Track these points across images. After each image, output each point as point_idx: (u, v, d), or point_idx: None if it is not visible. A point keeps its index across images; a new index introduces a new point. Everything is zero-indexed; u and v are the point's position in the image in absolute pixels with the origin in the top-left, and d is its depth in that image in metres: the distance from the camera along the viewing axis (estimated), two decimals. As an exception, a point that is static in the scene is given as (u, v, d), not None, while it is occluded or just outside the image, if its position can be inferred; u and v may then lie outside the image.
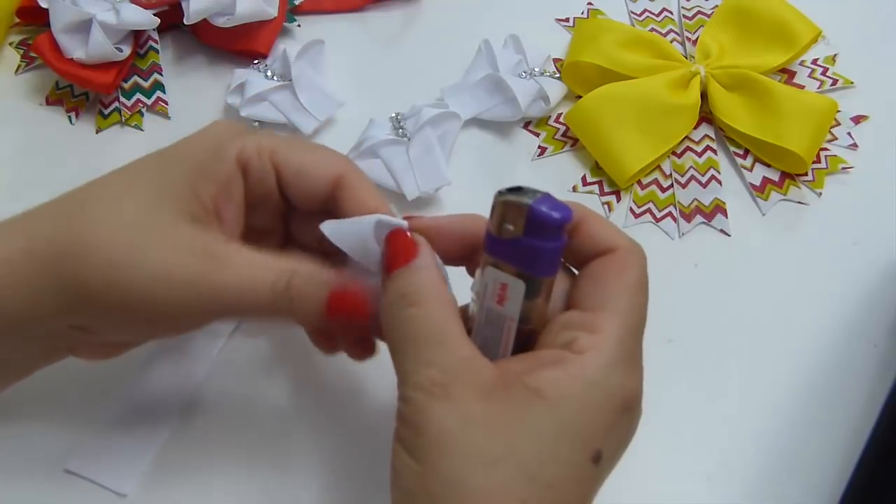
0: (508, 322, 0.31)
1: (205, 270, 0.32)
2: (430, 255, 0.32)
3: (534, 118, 0.51)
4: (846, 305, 0.46)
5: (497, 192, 0.30)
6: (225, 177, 0.34)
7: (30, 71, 0.53)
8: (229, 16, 0.50)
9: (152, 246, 0.32)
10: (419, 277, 0.31)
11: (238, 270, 0.32)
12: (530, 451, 0.28)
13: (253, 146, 0.34)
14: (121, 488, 0.39)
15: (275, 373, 0.42)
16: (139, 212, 0.32)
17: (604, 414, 0.29)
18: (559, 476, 0.29)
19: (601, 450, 0.29)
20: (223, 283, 0.32)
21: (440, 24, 0.56)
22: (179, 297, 0.32)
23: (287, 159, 0.34)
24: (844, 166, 0.50)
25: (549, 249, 0.30)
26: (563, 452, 0.29)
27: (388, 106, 0.49)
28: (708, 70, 0.50)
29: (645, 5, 0.56)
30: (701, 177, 0.49)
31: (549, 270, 0.30)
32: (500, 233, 0.30)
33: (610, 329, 0.30)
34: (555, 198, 0.30)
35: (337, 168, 0.35)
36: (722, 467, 0.41)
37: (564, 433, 0.29)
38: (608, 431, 0.30)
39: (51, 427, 0.40)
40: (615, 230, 0.32)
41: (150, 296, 0.31)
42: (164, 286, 0.31)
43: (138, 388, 0.41)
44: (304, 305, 0.33)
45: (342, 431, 0.41)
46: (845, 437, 0.42)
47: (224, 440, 0.40)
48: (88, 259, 0.32)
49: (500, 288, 0.30)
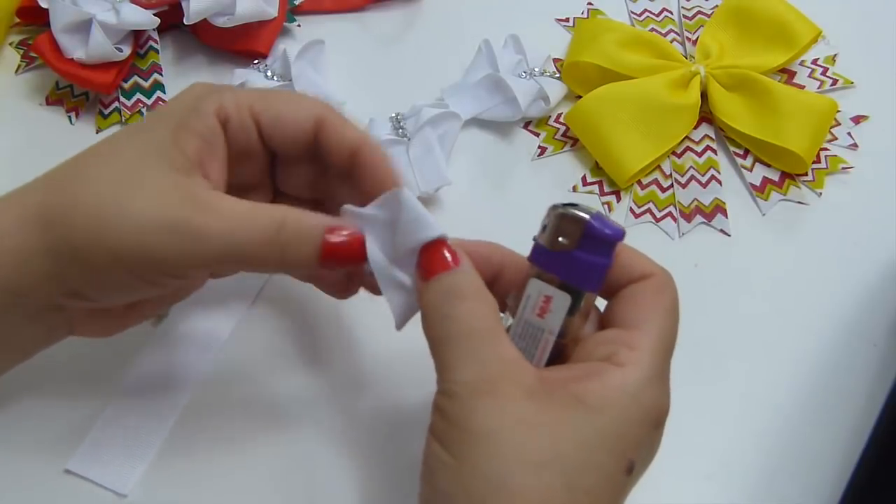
0: (547, 335, 0.32)
1: (190, 214, 0.32)
2: (471, 263, 0.32)
3: (534, 118, 0.51)
4: (846, 305, 0.46)
5: (552, 205, 0.31)
6: (206, 131, 0.34)
7: (30, 71, 0.53)
8: (229, 16, 0.50)
9: (138, 195, 0.32)
10: (466, 278, 0.31)
11: (225, 214, 0.32)
12: (574, 458, 0.29)
13: (231, 100, 0.34)
14: (121, 488, 0.39)
15: (275, 372, 0.42)
16: (125, 167, 0.33)
17: (639, 427, 0.30)
18: (596, 484, 0.29)
19: (634, 461, 0.30)
20: (209, 226, 0.31)
21: (440, 24, 0.56)
22: (165, 243, 0.31)
23: (265, 109, 0.35)
24: (844, 166, 0.50)
25: (601, 264, 0.31)
26: (602, 461, 0.29)
27: (388, 106, 0.49)
28: (708, 70, 0.50)
29: (645, 5, 0.56)
30: (701, 177, 0.49)
31: (596, 285, 0.31)
32: (552, 245, 0.31)
33: (647, 346, 0.31)
34: (605, 216, 0.31)
35: (315, 110, 0.35)
36: (722, 467, 0.41)
37: (604, 442, 0.29)
38: (641, 444, 0.30)
39: (51, 427, 0.40)
40: (649, 259, 0.33)
41: (137, 244, 0.31)
42: (150, 232, 0.31)
43: (137, 388, 0.41)
44: (297, 250, 0.32)
45: (345, 430, 0.41)
46: (845, 437, 0.42)
47: (224, 440, 0.40)
48: (76, 215, 0.32)
49: (544, 300, 0.31)
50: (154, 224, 0.31)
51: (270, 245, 0.32)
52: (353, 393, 0.42)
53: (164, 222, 0.31)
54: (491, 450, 0.28)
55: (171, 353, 0.42)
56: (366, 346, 0.43)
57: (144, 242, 0.31)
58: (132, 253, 0.31)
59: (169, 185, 0.32)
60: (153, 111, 0.35)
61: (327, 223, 0.33)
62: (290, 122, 0.35)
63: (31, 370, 0.37)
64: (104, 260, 0.32)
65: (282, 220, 0.32)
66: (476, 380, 0.29)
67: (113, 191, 0.32)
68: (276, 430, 0.41)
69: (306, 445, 0.40)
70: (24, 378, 0.37)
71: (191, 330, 0.43)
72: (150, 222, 0.31)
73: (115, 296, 0.34)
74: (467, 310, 0.30)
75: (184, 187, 0.32)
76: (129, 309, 0.37)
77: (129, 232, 0.31)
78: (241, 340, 0.43)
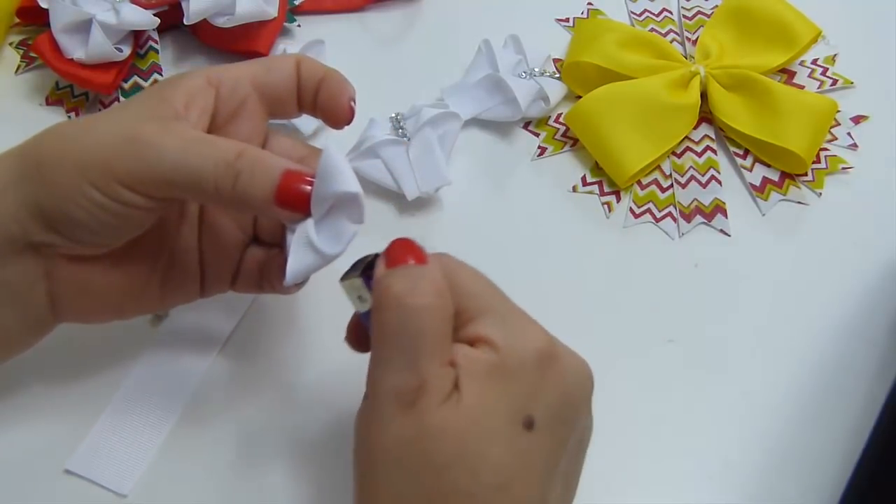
0: None
1: (149, 130, 0.32)
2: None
3: (534, 118, 0.51)
4: (846, 305, 0.46)
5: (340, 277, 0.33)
6: (192, 87, 0.34)
7: (30, 71, 0.53)
8: (229, 16, 0.49)
9: (108, 116, 0.33)
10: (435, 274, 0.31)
11: (184, 135, 0.32)
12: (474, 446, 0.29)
13: (220, 70, 0.36)
14: (121, 488, 0.39)
15: (275, 373, 0.42)
16: (110, 113, 0.34)
17: (521, 375, 0.29)
18: (497, 458, 0.29)
19: (532, 416, 0.29)
20: (163, 141, 0.32)
21: (440, 24, 0.56)
22: (121, 151, 0.32)
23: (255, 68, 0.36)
24: (844, 166, 0.50)
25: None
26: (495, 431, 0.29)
27: (388, 106, 0.49)
28: (708, 70, 0.50)
29: (645, 5, 0.56)
30: (701, 177, 0.49)
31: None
32: (360, 308, 0.33)
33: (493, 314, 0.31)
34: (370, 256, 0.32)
35: (293, 56, 0.37)
36: (722, 467, 0.41)
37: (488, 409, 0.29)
38: (532, 393, 0.29)
39: (51, 427, 0.40)
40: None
41: (97, 154, 0.32)
42: (109, 143, 0.32)
43: (138, 388, 0.41)
44: (252, 183, 0.32)
45: (346, 430, 0.41)
46: (845, 437, 0.42)
47: (224, 440, 0.40)
48: (46, 138, 0.34)
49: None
50: (113, 135, 0.32)
51: (226, 170, 0.32)
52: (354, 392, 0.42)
53: (123, 133, 0.32)
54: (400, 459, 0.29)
55: (171, 353, 0.42)
56: (366, 346, 0.43)
57: (105, 152, 0.32)
58: (93, 163, 0.32)
59: (142, 108, 0.33)
60: None
61: (291, 166, 0.32)
62: (277, 66, 0.36)
63: (31, 370, 0.37)
64: (69, 174, 0.32)
65: (241, 150, 0.32)
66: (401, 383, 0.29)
67: (90, 122, 0.33)
68: (276, 431, 0.41)
69: (306, 445, 0.40)
70: (24, 378, 0.38)
71: (191, 330, 0.43)
72: (111, 135, 0.32)
73: (84, 224, 0.33)
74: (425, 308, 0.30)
75: (155, 109, 0.33)
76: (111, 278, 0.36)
77: (93, 144, 0.32)
78: (241, 340, 0.43)
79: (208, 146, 0.32)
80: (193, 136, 0.32)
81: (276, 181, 0.32)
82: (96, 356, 0.41)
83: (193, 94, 0.34)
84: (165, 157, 0.32)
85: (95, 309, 0.36)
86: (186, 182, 0.32)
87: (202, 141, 0.32)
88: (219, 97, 0.35)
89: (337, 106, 0.37)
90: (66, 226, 0.33)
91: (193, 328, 0.43)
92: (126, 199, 0.32)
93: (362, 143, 0.47)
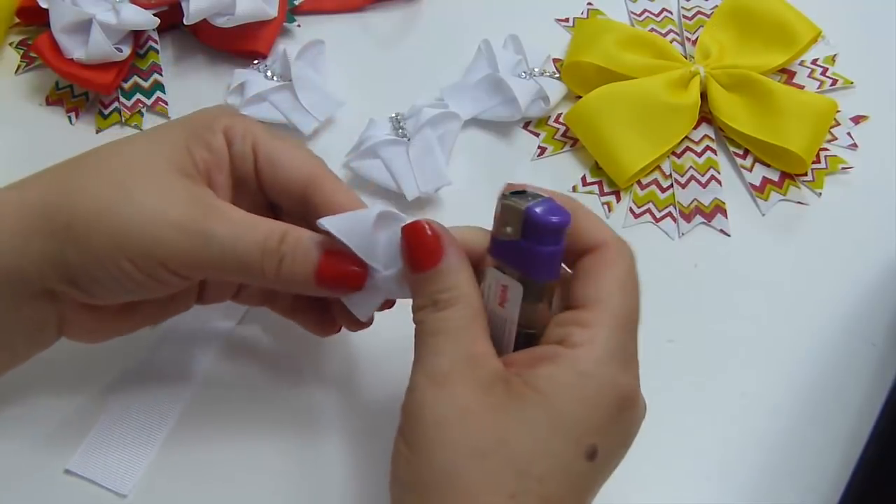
0: (509, 325, 0.31)
1: (197, 215, 0.32)
2: (458, 253, 0.32)
3: (534, 118, 0.51)
4: (846, 305, 0.46)
5: (501, 193, 0.30)
6: (216, 145, 0.34)
7: (30, 71, 0.53)
8: (229, 16, 0.50)
9: (144, 187, 0.32)
10: (450, 282, 0.31)
11: (231, 220, 0.32)
12: (522, 445, 0.29)
13: (239, 126, 0.35)
14: (121, 488, 0.39)
15: (275, 373, 0.42)
16: (134, 162, 0.33)
17: (598, 409, 0.29)
18: (550, 470, 0.29)
19: (596, 446, 0.29)
20: (214, 230, 0.32)
21: (440, 24, 0.56)
22: (172, 238, 0.32)
23: (264, 146, 0.35)
24: (844, 166, 0.50)
25: (546, 253, 0.30)
26: (555, 447, 0.29)
27: (388, 106, 0.49)
28: (708, 70, 0.50)
29: (645, 5, 0.56)
30: (701, 177, 0.49)
31: (548, 274, 0.30)
32: (501, 235, 0.30)
33: (601, 323, 0.30)
34: (555, 202, 0.30)
35: (310, 167, 0.36)
36: (722, 468, 0.41)
37: (557, 427, 0.29)
38: (604, 427, 0.30)
39: (51, 427, 0.40)
40: (603, 226, 0.33)
41: (141, 233, 0.31)
42: (157, 228, 0.31)
43: (137, 388, 0.41)
44: (294, 265, 0.32)
45: (346, 429, 0.41)
46: (845, 437, 0.42)
47: (224, 440, 0.40)
48: (79, 202, 0.32)
49: (501, 290, 0.31)
50: (162, 218, 0.31)
51: (271, 256, 0.32)
52: (355, 392, 0.42)
53: (173, 218, 0.31)
54: (439, 440, 0.29)
55: (171, 353, 0.42)
56: (367, 345, 0.43)
57: (149, 233, 0.31)
58: (135, 242, 0.31)
59: (177, 185, 0.32)
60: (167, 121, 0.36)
61: (328, 244, 0.33)
62: (283, 169, 0.35)
63: (31, 370, 0.37)
64: (105, 245, 0.32)
65: (284, 232, 0.33)
66: (434, 375, 0.30)
67: (120, 179, 0.32)
68: (276, 431, 0.41)
69: (306, 445, 0.40)
70: (24, 378, 0.37)
71: (191, 330, 0.43)
72: (158, 215, 0.31)
73: (109, 287, 0.33)
74: (447, 315, 0.30)
75: (192, 190, 0.33)
76: (120, 313, 0.36)
77: (134, 220, 0.31)
78: (241, 341, 0.43)
79: (254, 229, 0.32)
80: (238, 219, 0.32)
81: (316, 264, 0.33)
82: (96, 356, 0.41)
83: (217, 155, 0.34)
84: (213, 246, 0.32)
85: (101, 337, 0.37)
86: (232, 268, 0.33)
87: (247, 225, 0.32)
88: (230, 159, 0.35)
89: None
90: (89, 285, 0.33)
91: (193, 328, 0.43)
92: (164, 279, 0.33)
93: (362, 143, 0.47)
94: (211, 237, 0.32)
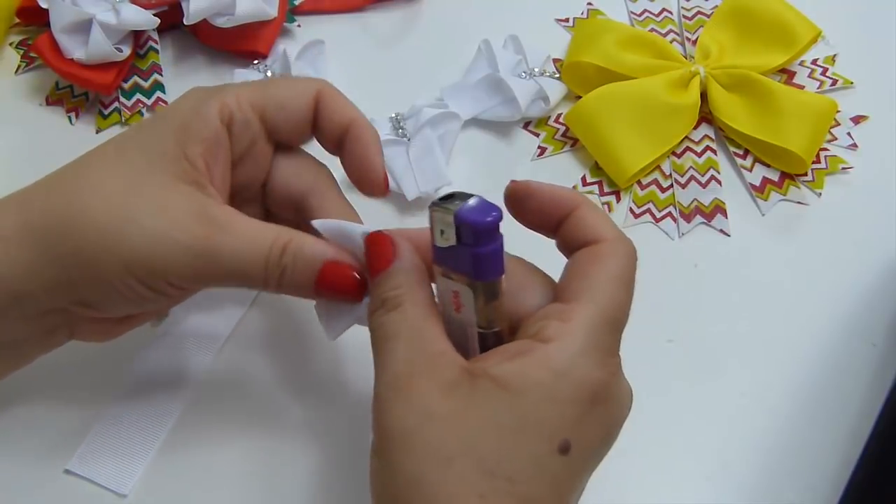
0: (469, 329, 0.31)
1: (205, 233, 0.32)
2: (409, 255, 0.32)
3: (534, 118, 0.51)
4: (845, 305, 0.46)
5: (431, 202, 0.30)
6: (210, 134, 0.34)
7: (30, 71, 0.53)
8: (229, 16, 0.50)
9: (149, 210, 0.32)
10: (398, 281, 0.31)
11: (237, 234, 0.32)
12: (489, 445, 0.28)
13: (232, 99, 0.35)
14: (121, 488, 0.39)
15: (275, 373, 0.42)
16: (132, 176, 0.33)
17: (569, 405, 0.28)
18: (521, 469, 0.28)
19: (569, 441, 0.28)
20: (222, 246, 0.32)
21: (440, 24, 0.56)
22: (179, 261, 0.32)
23: (267, 99, 0.35)
24: (844, 166, 0.50)
25: (486, 253, 0.29)
26: (524, 444, 0.28)
27: (388, 106, 0.49)
28: (708, 70, 0.50)
29: (645, 5, 0.56)
30: (701, 177, 0.49)
31: (493, 273, 0.30)
32: (439, 243, 0.30)
33: (582, 318, 0.29)
34: (486, 200, 0.29)
35: (313, 87, 0.36)
36: (721, 468, 0.41)
37: (526, 424, 0.28)
38: (577, 422, 0.29)
39: (51, 427, 0.40)
40: (605, 222, 0.32)
41: (151, 257, 0.32)
42: (164, 250, 0.32)
43: (137, 388, 0.41)
44: (295, 276, 0.33)
45: (346, 431, 0.41)
46: (845, 437, 0.42)
47: (224, 440, 0.40)
48: (85, 227, 0.32)
49: (454, 296, 0.30)
50: (169, 240, 0.32)
51: (274, 267, 0.33)
52: (354, 393, 0.42)
53: (180, 240, 0.32)
54: (405, 448, 0.28)
55: (171, 353, 0.42)
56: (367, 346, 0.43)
57: (157, 255, 0.32)
58: (143, 264, 0.32)
59: (180, 201, 0.33)
60: (154, 114, 0.35)
61: (329, 255, 0.33)
62: (293, 104, 0.35)
63: (31, 370, 0.37)
64: (116, 270, 0.32)
65: (286, 242, 0.33)
66: (393, 380, 0.29)
67: (121, 203, 0.32)
68: (276, 431, 0.41)
69: (306, 445, 0.40)
70: (24, 378, 0.37)
71: (191, 330, 0.43)
72: (164, 238, 0.32)
73: (118, 304, 0.34)
74: (396, 317, 0.30)
75: (196, 203, 0.33)
76: (130, 316, 0.37)
77: (142, 245, 0.32)
78: (241, 340, 0.43)
79: (257, 244, 0.33)
80: (242, 231, 0.33)
81: (317, 272, 0.33)
82: (96, 356, 0.41)
83: (213, 144, 0.34)
84: (219, 263, 0.32)
85: (110, 337, 0.38)
86: (237, 280, 0.33)
87: (251, 239, 0.33)
88: (232, 137, 0.35)
89: (368, 171, 0.36)
90: (98, 304, 0.34)
91: (193, 328, 0.43)
92: (170, 293, 0.34)
93: (362, 143, 0.47)
94: (217, 255, 0.32)
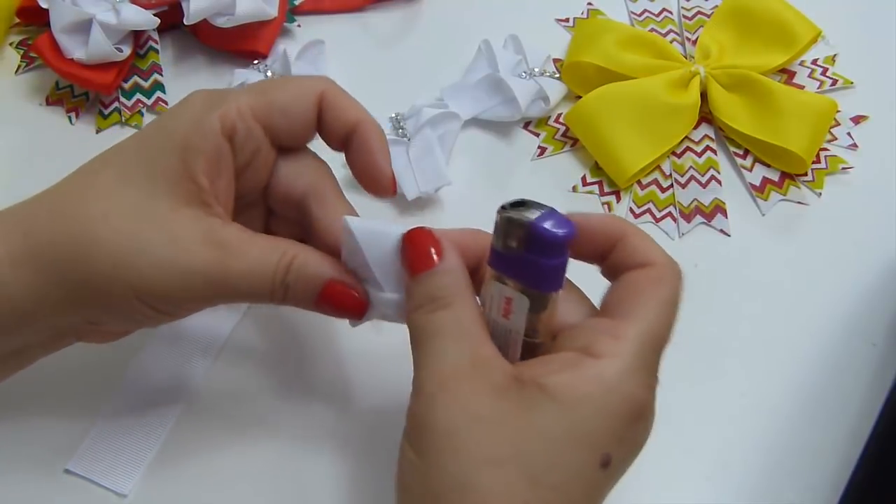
0: (514, 335, 0.31)
1: (215, 259, 0.32)
2: (456, 256, 0.32)
3: (534, 118, 0.51)
4: (845, 305, 0.46)
5: (500, 206, 0.30)
6: (212, 149, 0.34)
7: (30, 71, 0.53)
8: (229, 16, 0.50)
9: (159, 240, 0.32)
10: (448, 280, 0.31)
11: (245, 256, 0.33)
12: (536, 453, 0.28)
13: (233, 109, 0.34)
14: (121, 488, 0.39)
15: (275, 373, 0.42)
16: (139, 202, 0.33)
17: (616, 420, 0.29)
18: (565, 479, 0.28)
19: (611, 455, 0.29)
20: (231, 269, 0.33)
21: (440, 24, 0.56)
22: (190, 287, 0.32)
23: (268, 105, 0.35)
24: (844, 166, 0.50)
25: (552, 266, 0.29)
26: (571, 455, 0.29)
27: (388, 106, 0.49)
28: (708, 70, 0.50)
29: (645, 5, 0.56)
30: (701, 177, 0.49)
31: (553, 286, 0.30)
32: (503, 248, 0.30)
33: (633, 337, 0.30)
34: (559, 213, 0.29)
35: (316, 88, 0.35)
36: (721, 468, 0.41)
37: (574, 436, 0.29)
38: (619, 438, 0.29)
39: (51, 427, 0.40)
40: (655, 247, 0.32)
41: (161, 288, 0.32)
42: (175, 278, 0.32)
43: (137, 388, 0.41)
44: (297, 293, 0.34)
45: (345, 433, 0.41)
46: (845, 437, 0.42)
47: (224, 440, 0.40)
48: (97, 259, 0.32)
49: (505, 302, 0.30)
50: (178, 268, 0.32)
51: (278, 287, 0.33)
52: (354, 394, 0.42)
53: (191, 267, 0.32)
54: (451, 447, 0.28)
55: (171, 354, 0.42)
56: (367, 347, 0.43)
57: (167, 282, 0.32)
58: (153, 291, 0.32)
59: (187, 226, 0.33)
60: (154, 123, 0.35)
61: (331, 274, 0.33)
62: (296, 109, 0.35)
63: (32, 370, 0.37)
64: (124, 295, 0.32)
65: (289, 261, 0.33)
66: (441, 378, 0.29)
67: (129, 231, 0.32)
68: (275, 431, 0.41)
69: (306, 446, 0.40)
70: (24, 378, 0.37)
71: (191, 330, 0.43)
72: (174, 266, 0.32)
73: (126, 323, 0.35)
74: (446, 315, 0.30)
75: (203, 227, 0.33)
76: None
77: (151, 274, 0.32)
78: (241, 341, 0.43)
79: (264, 265, 0.33)
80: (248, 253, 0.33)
81: (319, 291, 0.34)
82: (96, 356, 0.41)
83: (216, 160, 0.34)
84: (228, 287, 0.33)
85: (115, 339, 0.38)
86: (243, 297, 0.34)
87: (258, 260, 0.33)
88: (234, 149, 0.35)
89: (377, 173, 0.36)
90: (107, 323, 0.35)
91: (193, 328, 0.43)
92: (178, 313, 0.35)
93: (362, 143, 0.47)
94: (226, 279, 0.33)
